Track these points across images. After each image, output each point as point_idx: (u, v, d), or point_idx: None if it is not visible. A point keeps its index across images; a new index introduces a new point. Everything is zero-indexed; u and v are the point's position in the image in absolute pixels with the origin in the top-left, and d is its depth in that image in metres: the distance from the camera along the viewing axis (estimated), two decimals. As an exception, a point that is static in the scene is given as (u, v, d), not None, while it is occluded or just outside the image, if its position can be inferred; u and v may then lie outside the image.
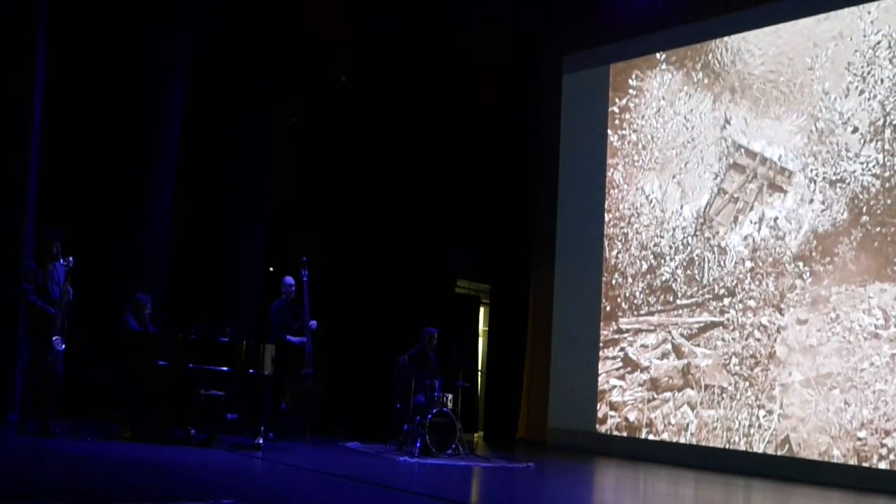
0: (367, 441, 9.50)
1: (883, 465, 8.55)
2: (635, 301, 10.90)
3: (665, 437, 10.28)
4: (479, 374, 12.46)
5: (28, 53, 8.63)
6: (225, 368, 8.15)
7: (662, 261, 10.72)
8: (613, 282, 11.17)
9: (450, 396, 8.81)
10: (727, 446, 9.74)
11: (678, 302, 10.46)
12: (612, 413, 10.89)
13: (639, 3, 11.17)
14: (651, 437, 10.42)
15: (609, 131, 11.45)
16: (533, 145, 12.38)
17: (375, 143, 11.80)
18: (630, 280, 10.99)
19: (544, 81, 12.37)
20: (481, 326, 13.85)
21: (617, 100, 11.47)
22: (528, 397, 11.99)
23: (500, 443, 11.44)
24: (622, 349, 10.94)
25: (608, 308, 11.17)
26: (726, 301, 10.03)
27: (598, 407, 11.00)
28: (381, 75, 11.76)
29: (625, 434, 10.68)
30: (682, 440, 10.13)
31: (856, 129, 9.25)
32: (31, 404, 7.59)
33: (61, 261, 7.59)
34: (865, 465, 8.65)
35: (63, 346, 7.54)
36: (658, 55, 11.11)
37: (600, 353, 11.12)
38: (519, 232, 12.31)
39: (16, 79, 8.59)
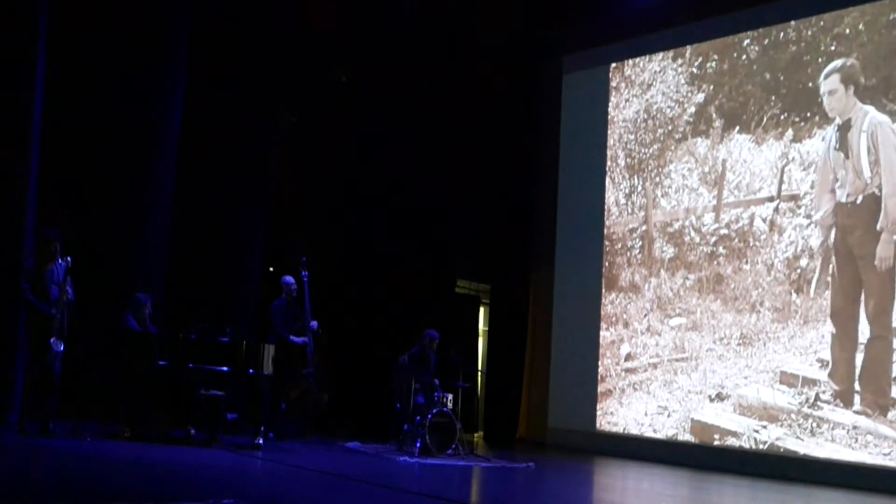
0: (367, 441, 9.50)
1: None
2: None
3: (669, 435, 10.26)
4: (479, 374, 12.45)
5: (28, 53, 8.64)
6: (225, 368, 8.15)
7: (668, 261, 10.70)
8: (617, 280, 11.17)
9: (450, 396, 8.81)
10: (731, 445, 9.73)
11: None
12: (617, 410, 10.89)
13: (639, 3, 11.15)
14: (655, 435, 10.40)
15: (624, 125, 11.39)
16: (533, 145, 12.37)
17: (375, 143, 11.79)
18: (636, 280, 10.97)
19: (544, 81, 12.37)
20: (481, 326, 13.84)
21: (625, 95, 11.42)
22: (528, 397, 11.99)
23: (500, 443, 11.43)
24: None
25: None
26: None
27: (604, 405, 11.00)
28: (381, 75, 11.76)
29: (628, 433, 10.65)
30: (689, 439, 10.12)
31: None
32: (30, 404, 7.60)
33: (60, 261, 7.59)
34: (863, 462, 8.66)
35: (62, 348, 7.54)
36: (663, 53, 11.05)
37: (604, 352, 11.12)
38: (519, 232, 12.30)
39: (16, 79, 8.60)
